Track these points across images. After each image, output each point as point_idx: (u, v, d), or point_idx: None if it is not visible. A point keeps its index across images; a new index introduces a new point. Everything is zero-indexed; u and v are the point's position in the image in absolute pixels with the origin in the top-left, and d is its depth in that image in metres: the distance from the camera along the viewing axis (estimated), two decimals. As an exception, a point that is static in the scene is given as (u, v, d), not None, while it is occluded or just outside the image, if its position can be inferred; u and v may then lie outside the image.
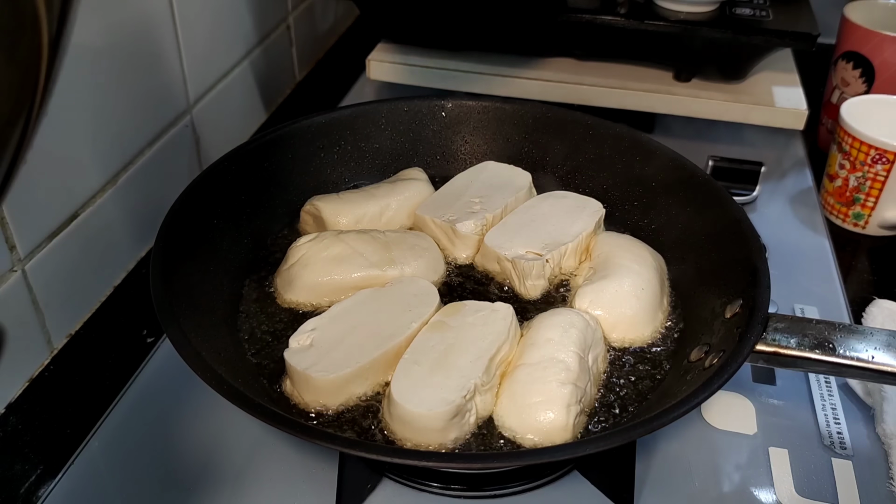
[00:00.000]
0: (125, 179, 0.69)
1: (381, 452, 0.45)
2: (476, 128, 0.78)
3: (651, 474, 0.56)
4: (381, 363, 0.54)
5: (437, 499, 0.54)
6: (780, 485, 0.55)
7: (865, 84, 0.90)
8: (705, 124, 0.91)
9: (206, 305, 0.58)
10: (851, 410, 0.61)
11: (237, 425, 0.58)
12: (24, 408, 0.59)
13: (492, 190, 0.70)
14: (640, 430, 0.45)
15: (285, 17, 0.99)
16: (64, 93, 0.59)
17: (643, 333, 0.60)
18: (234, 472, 0.55)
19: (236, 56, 0.87)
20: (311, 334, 0.55)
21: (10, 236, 0.57)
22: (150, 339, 0.66)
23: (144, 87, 0.70)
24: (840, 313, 0.71)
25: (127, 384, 0.61)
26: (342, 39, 1.19)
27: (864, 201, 0.80)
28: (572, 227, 0.66)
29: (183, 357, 0.48)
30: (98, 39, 0.62)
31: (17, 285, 0.58)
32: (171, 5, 0.72)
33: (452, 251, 0.68)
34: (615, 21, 0.84)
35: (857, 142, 0.78)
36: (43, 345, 0.62)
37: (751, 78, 0.91)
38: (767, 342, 0.51)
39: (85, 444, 0.57)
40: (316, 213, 0.68)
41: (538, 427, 0.51)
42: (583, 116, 0.75)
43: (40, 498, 0.53)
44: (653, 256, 0.64)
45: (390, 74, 0.92)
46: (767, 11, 0.86)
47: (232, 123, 0.89)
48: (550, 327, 0.56)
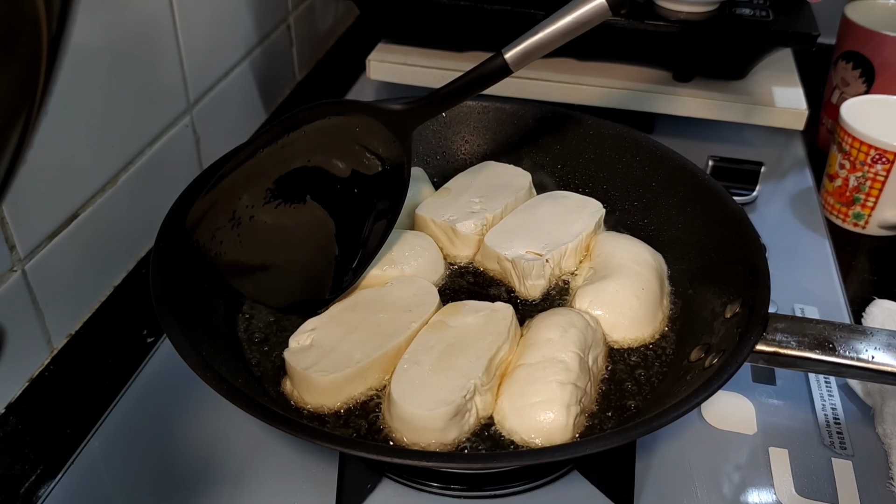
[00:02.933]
0: (125, 179, 0.69)
1: (381, 452, 0.45)
2: (476, 128, 0.78)
3: (651, 474, 0.56)
4: (381, 363, 0.54)
5: (437, 499, 0.54)
6: (780, 485, 0.55)
7: (865, 84, 0.90)
8: (705, 124, 0.91)
9: (206, 305, 0.58)
10: (851, 410, 0.61)
11: (237, 425, 0.58)
12: (24, 408, 0.59)
13: (492, 190, 0.70)
14: (640, 430, 0.45)
15: (285, 17, 0.99)
16: (64, 93, 0.59)
17: (643, 333, 0.60)
18: (234, 472, 0.55)
19: (236, 56, 0.87)
20: (311, 334, 0.55)
21: (10, 236, 0.57)
22: (150, 339, 0.66)
23: (144, 87, 0.70)
24: (840, 313, 0.71)
25: (127, 384, 0.61)
26: (342, 39, 1.19)
27: (864, 201, 0.80)
28: (572, 227, 0.66)
29: (183, 357, 0.48)
30: (98, 39, 0.62)
31: (17, 285, 0.58)
32: (171, 5, 0.72)
33: (452, 251, 0.68)
34: (615, 21, 0.84)
35: (857, 142, 0.78)
36: (43, 345, 0.62)
37: (751, 78, 0.90)
38: (767, 342, 0.51)
39: (85, 444, 0.57)
40: (316, 213, 0.68)
41: (538, 427, 0.51)
42: (583, 116, 0.75)
43: (40, 498, 0.53)
44: (653, 256, 0.64)
45: (390, 74, 0.92)
46: (767, 11, 0.86)
47: (232, 123, 0.89)
48: (550, 327, 0.56)
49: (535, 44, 0.55)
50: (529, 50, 0.55)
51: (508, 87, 0.88)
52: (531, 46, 0.55)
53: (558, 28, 0.55)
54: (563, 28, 0.54)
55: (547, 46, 0.55)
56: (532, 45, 0.55)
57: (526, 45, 0.55)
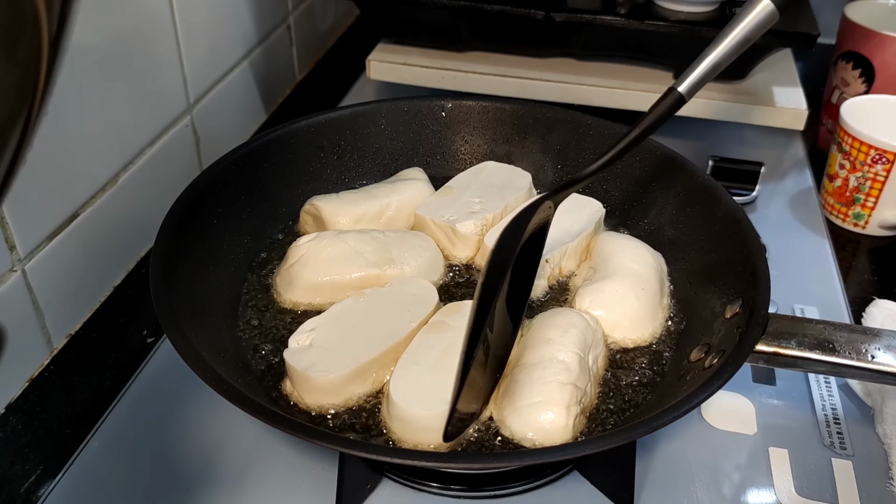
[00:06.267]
0: (125, 179, 0.69)
1: (381, 452, 0.45)
2: (476, 128, 0.78)
3: (651, 474, 0.56)
4: (381, 363, 0.54)
5: (436, 499, 0.54)
6: (780, 485, 0.55)
7: (865, 84, 0.90)
8: (705, 124, 0.91)
9: (206, 305, 0.58)
10: (851, 410, 0.61)
11: (237, 425, 0.58)
12: (24, 408, 0.59)
13: (492, 190, 0.70)
14: (640, 430, 0.45)
15: (285, 17, 0.99)
16: (64, 93, 0.59)
17: (643, 333, 0.60)
18: (234, 472, 0.55)
19: (236, 56, 0.87)
20: (310, 334, 0.55)
21: (10, 236, 0.57)
22: (150, 340, 0.66)
23: (144, 86, 0.70)
24: (840, 313, 0.71)
25: (127, 384, 0.61)
26: (342, 39, 1.19)
27: (864, 201, 0.80)
28: (572, 227, 0.66)
29: (183, 357, 0.48)
30: (98, 39, 0.62)
31: (17, 285, 0.58)
32: (171, 5, 0.72)
33: (452, 251, 0.67)
34: (615, 21, 0.84)
35: (857, 142, 0.78)
36: (43, 345, 0.62)
37: (751, 78, 0.90)
38: (767, 342, 0.51)
39: (85, 444, 0.57)
40: (316, 213, 0.68)
41: (538, 427, 0.51)
42: (583, 116, 0.75)
43: (40, 498, 0.53)
44: (653, 256, 0.64)
45: (390, 74, 0.92)
46: (767, 11, 0.85)
47: (232, 123, 0.89)
48: (550, 327, 0.56)
49: (707, 69, 0.55)
50: (703, 76, 0.55)
51: (508, 87, 0.88)
52: (703, 72, 0.55)
53: (727, 47, 0.54)
54: (732, 46, 0.54)
55: (717, 69, 0.55)
56: (703, 71, 0.55)
57: (697, 74, 0.55)
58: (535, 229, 0.55)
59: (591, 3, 0.86)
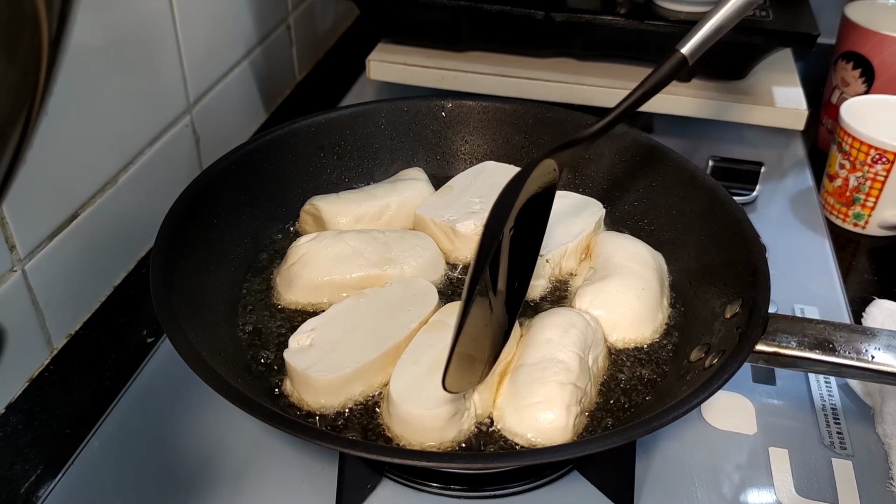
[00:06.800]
0: (125, 179, 0.69)
1: (381, 452, 0.45)
2: (476, 128, 0.78)
3: (651, 474, 0.56)
4: (381, 363, 0.54)
5: (437, 499, 0.54)
6: (780, 485, 0.55)
7: (865, 84, 0.90)
8: (705, 124, 0.91)
9: (205, 305, 0.58)
10: (851, 410, 0.61)
11: (237, 425, 0.58)
12: (24, 408, 0.59)
13: (492, 190, 0.70)
14: (640, 430, 0.45)
15: (285, 17, 0.99)
16: (64, 93, 0.59)
17: (643, 333, 0.60)
18: (234, 472, 0.55)
19: (236, 56, 0.87)
20: (310, 334, 0.55)
21: (10, 236, 0.57)
22: (150, 340, 0.66)
23: (144, 87, 0.70)
24: (840, 313, 0.71)
25: (127, 384, 0.61)
26: (342, 39, 1.19)
27: (864, 201, 0.80)
28: (572, 227, 0.66)
29: (183, 357, 0.48)
30: (98, 39, 0.62)
31: (17, 285, 0.58)
32: (171, 5, 0.72)
33: (452, 251, 0.67)
34: (615, 21, 0.84)
35: (857, 142, 0.78)
36: (43, 345, 0.62)
37: (751, 78, 0.90)
38: (767, 342, 0.51)
39: (85, 444, 0.57)
40: (316, 213, 0.68)
41: (538, 427, 0.51)
42: (583, 116, 0.74)
43: (40, 498, 0.53)
44: (653, 256, 0.64)
45: (390, 74, 0.92)
46: (767, 11, 0.86)
47: (232, 123, 0.89)
48: (550, 327, 0.56)
49: (709, 31, 0.54)
50: (705, 38, 0.54)
51: (508, 87, 0.88)
52: (706, 34, 0.54)
53: (730, 10, 0.54)
54: (735, 9, 0.53)
55: (720, 31, 0.54)
56: (706, 33, 0.54)
57: (700, 35, 0.54)
58: (538, 191, 0.53)
59: (591, 3, 0.86)
